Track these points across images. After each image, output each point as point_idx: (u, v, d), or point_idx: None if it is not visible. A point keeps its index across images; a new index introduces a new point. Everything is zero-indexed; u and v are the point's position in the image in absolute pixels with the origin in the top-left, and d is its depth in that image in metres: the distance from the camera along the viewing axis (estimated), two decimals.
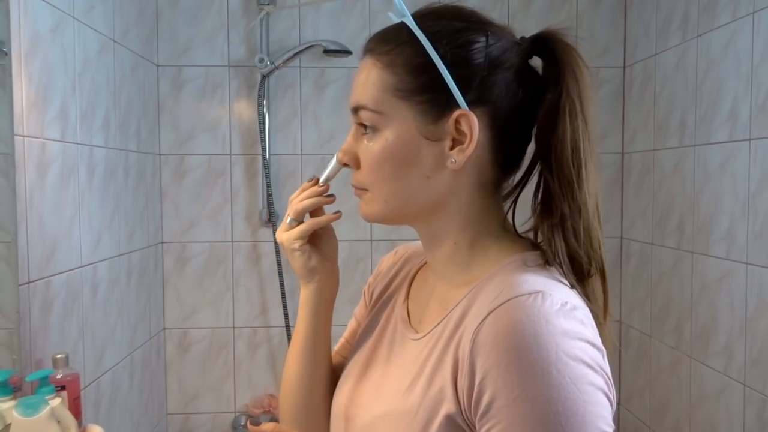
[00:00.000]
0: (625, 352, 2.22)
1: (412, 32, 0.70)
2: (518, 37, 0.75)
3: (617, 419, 2.28)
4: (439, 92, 0.69)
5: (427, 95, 0.69)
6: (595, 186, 0.70)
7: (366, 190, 0.75)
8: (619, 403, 2.27)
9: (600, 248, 0.70)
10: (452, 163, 0.70)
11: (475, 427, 0.63)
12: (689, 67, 1.85)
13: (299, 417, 0.85)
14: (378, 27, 0.75)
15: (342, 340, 0.93)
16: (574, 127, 0.68)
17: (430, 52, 0.68)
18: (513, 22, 2.19)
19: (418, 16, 0.71)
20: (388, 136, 0.71)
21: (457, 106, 0.69)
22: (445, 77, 0.68)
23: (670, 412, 1.95)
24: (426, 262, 0.84)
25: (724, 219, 1.68)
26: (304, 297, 0.85)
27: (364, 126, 0.73)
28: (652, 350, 2.06)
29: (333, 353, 0.90)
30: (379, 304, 0.88)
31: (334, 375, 0.87)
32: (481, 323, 0.62)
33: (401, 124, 0.70)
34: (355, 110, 0.73)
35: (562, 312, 0.61)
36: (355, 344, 0.87)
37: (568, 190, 0.68)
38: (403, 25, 0.71)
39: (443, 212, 0.73)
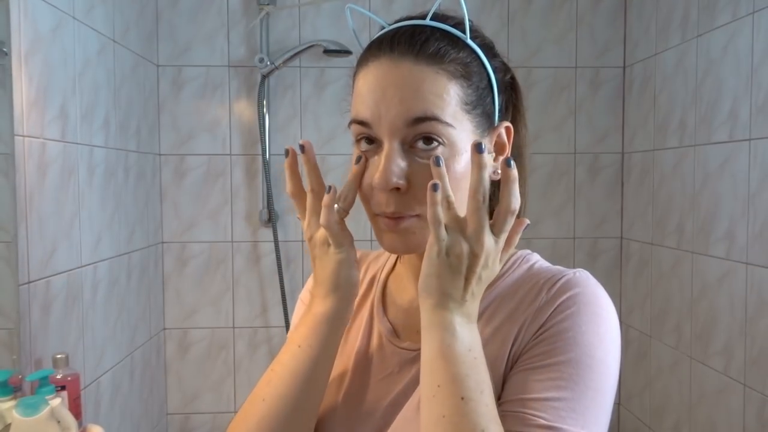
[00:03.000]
0: (625, 352, 2.22)
1: (462, 40, 0.68)
2: None
3: (617, 419, 2.28)
4: (490, 105, 0.70)
5: (482, 108, 0.68)
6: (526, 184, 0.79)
7: (418, 215, 0.66)
8: (619, 403, 2.27)
9: None
10: (497, 174, 0.67)
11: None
12: (689, 67, 1.85)
13: None
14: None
15: None
16: (523, 137, 0.76)
17: (488, 68, 0.69)
18: (513, 22, 2.21)
19: (453, 26, 0.69)
20: (462, 152, 0.66)
21: (496, 119, 0.71)
22: (495, 93, 0.70)
23: (670, 412, 1.95)
24: (393, 270, 0.81)
25: (724, 219, 1.68)
26: (325, 310, 0.70)
27: (427, 140, 0.65)
28: (652, 350, 2.06)
29: None
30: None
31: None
32: (543, 301, 0.67)
33: (467, 139, 0.66)
34: (420, 121, 0.64)
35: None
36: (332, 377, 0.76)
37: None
38: (450, 34, 0.68)
39: None
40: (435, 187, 0.61)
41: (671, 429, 1.94)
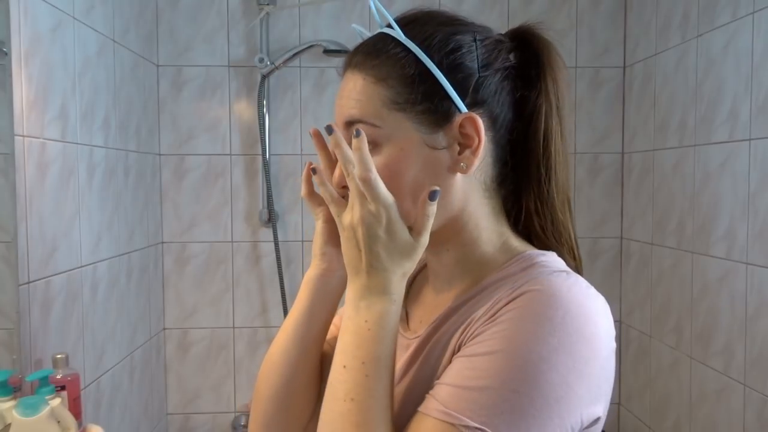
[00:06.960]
0: (625, 352, 2.22)
1: (400, 43, 0.68)
2: (497, 33, 0.75)
3: (617, 419, 2.28)
4: (439, 99, 0.67)
5: (426, 104, 0.67)
6: (565, 184, 0.74)
7: None
8: (619, 403, 2.27)
9: (571, 240, 0.74)
10: (463, 168, 0.68)
11: None
12: (689, 67, 1.85)
13: (278, 396, 0.78)
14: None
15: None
16: (548, 126, 0.72)
17: (425, 62, 0.67)
18: (513, 22, 2.20)
19: (402, 26, 0.70)
20: (390, 151, 0.67)
21: (457, 111, 0.68)
22: (444, 85, 0.67)
23: (670, 411, 1.95)
24: (425, 265, 0.82)
25: (724, 219, 1.68)
26: (307, 276, 0.78)
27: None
28: (652, 350, 2.06)
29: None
30: None
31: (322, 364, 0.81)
32: (503, 297, 0.64)
33: (404, 137, 0.67)
34: (349, 124, 0.69)
35: (589, 293, 0.64)
36: None
37: (536, 186, 0.73)
38: (387, 36, 0.70)
39: (455, 219, 0.71)
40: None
41: (671, 429, 1.94)
